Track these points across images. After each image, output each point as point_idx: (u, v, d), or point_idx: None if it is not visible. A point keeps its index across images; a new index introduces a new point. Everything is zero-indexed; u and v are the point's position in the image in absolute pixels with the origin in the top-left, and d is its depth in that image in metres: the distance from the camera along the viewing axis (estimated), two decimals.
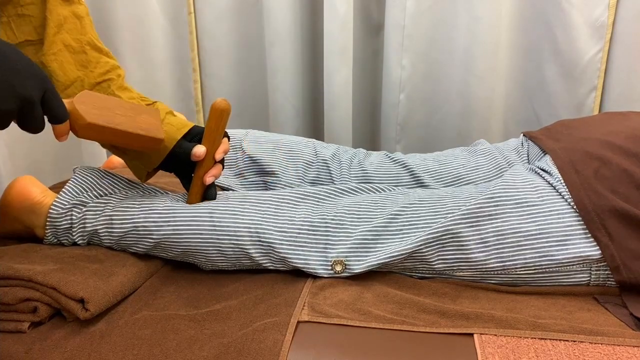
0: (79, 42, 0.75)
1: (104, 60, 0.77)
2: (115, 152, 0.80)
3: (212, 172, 0.78)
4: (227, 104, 0.76)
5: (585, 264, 0.72)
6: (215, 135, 0.77)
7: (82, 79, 0.75)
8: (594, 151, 0.77)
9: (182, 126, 0.79)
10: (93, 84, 0.76)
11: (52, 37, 0.73)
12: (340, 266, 0.75)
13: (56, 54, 0.73)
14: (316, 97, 1.46)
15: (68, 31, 0.74)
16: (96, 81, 0.76)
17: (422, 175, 0.96)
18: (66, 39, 0.74)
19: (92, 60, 0.76)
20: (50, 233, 0.80)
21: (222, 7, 1.40)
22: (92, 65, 0.76)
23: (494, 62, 1.27)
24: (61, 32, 0.74)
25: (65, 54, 0.74)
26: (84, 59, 0.75)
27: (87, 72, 0.75)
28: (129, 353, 0.61)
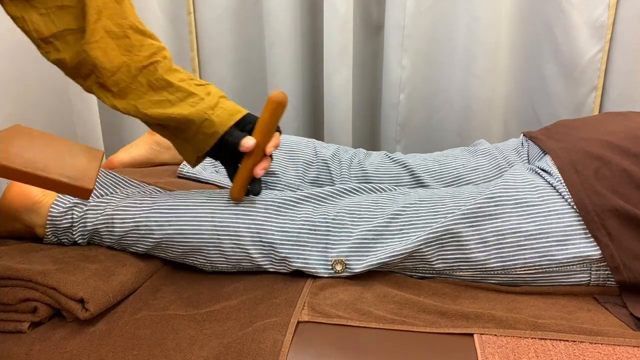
0: (121, 26, 0.73)
1: (148, 43, 0.74)
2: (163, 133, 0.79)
3: (262, 165, 0.76)
4: (283, 96, 0.72)
5: (585, 264, 0.72)
6: (268, 127, 0.73)
7: (128, 64, 0.73)
8: (594, 151, 0.77)
9: (235, 112, 0.76)
10: (140, 68, 0.73)
11: (92, 24, 0.71)
12: (340, 266, 0.75)
13: (98, 41, 0.71)
14: (316, 97, 1.46)
15: (109, 17, 0.72)
16: (142, 64, 0.73)
17: (422, 175, 0.96)
18: (107, 25, 0.72)
19: (135, 44, 0.73)
20: (50, 232, 0.81)
21: (222, 7, 1.39)
22: (136, 49, 0.73)
23: (494, 62, 1.27)
24: (102, 19, 0.71)
25: (108, 40, 0.72)
26: (127, 43, 0.73)
27: (131, 56, 0.73)
28: (129, 353, 0.61)
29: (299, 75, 1.41)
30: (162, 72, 0.74)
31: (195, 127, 0.74)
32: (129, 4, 0.74)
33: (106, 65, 0.71)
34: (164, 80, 0.74)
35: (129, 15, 0.74)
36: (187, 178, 1.08)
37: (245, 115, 0.77)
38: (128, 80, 0.73)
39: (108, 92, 0.74)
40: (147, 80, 0.74)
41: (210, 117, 0.74)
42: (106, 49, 0.71)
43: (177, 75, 0.75)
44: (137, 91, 0.74)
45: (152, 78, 0.74)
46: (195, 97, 0.74)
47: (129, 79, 0.73)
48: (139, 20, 0.75)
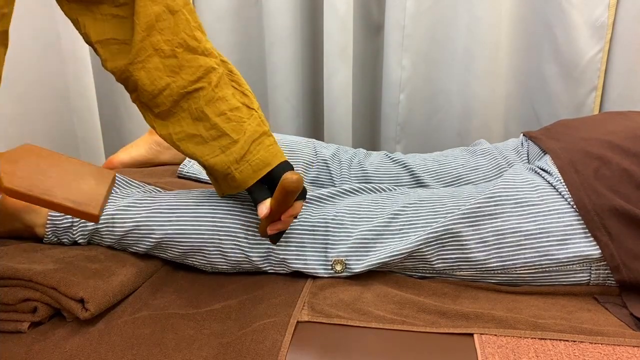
0: (171, 44, 0.68)
1: (196, 64, 0.69)
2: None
3: (275, 226, 0.71)
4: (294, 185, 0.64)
5: (585, 263, 0.72)
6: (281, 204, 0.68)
7: (172, 88, 0.69)
8: (594, 151, 0.77)
9: (261, 167, 0.71)
10: (183, 94, 0.69)
11: (139, 42, 0.67)
12: (340, 266, 0.75)
13: (144, 61, 0.67)
14: (316, 97, 1.46)
15: (160, 31, 0.67)
16: (186, 90, 0.69)
17: (422, 175, 0.96)
18: (157, 42, 0.67)
19: (184, 65, 0.69)
20: (51, 232, 0.81)
21: (222, 7, 1.39)
22: (183, 71, 0.69)
23: (494, 62, 1.27)
24: (152, 35, 0.67)
25: (155, 59, 0.68)
26: (174, 63, 0.68)
27: (176, 78, 0.69)
28: (129, 353, 0.61)
29: (299, 75, 1.41)
30: (202, 102, 0.70)
31: (220, 175, 0.72)
32: (184, 16, 0.69)
33: (148, 87, 0.68)
34: (202, 112, 0.70)
35: (182, 29, 0.69)
36: (187, 178, 1.08)
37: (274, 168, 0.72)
38: (169, 105, 0.70)
39: (149, 112, 0.72)
40: (189, 107, 0.70)
41: (232, 172, 0.71)
42: (151, 70, 0.68)
43: (218, 107, 0.71)
44: (177, 116, 0.71)
45: (193, 106, 0.70)
46: (227, 140, 0.71)
47: (170, 103, 0.70)
48: (193, 33, 0.70)
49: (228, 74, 0.74)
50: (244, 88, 0.75)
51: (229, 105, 0.72)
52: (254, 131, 0.72)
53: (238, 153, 0.71)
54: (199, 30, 0.71)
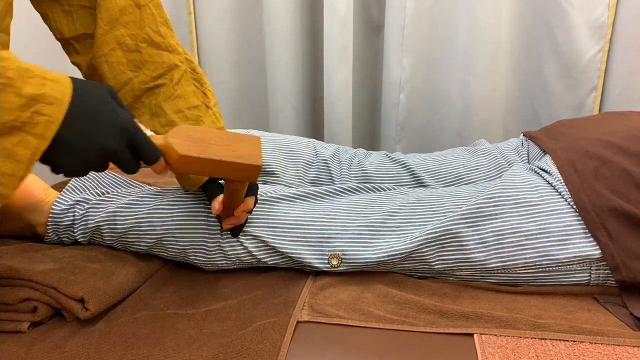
0: (135, 38, 0.68)
1: (160, 60, 0.70)
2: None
3: (230, 221, 0.73)
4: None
5: (585, 263, 0.72)
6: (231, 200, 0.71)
7: (133, 83, 0.70)
8: (593, 151, 0.77)
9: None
10: (144, 90, 0.70)
11: (102, 36, 0.67)
12: (336, 260, 0.75)
13: (107, 54, 0.68)
14: (316, 97, 1.46)
15: (125, 25, 0.68)
16: (147, 86, 0.70)
17: (422, 175, 0.96)
18: (121, 36, 0.68)
19: (147, 60, 0.69)
20: (52, 230, 0.81)
21: (222, 7, 1.39)
22: (146, 66, 0.69)
23: (494, 62, 1.27)
24: (116, 28, 0.67)
25: (119, 53, 0.68)
26: (137, 58, 0.69)
27: (139, 74, 0.69)
28: (128, 353, 0.61)
29: (299, 75, 1.41)
30: (161, 99, 0.71)
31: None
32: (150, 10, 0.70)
33: (111, 81, 0.69)
34: (160, 107, 0.71)
35: (148, 24, 0.69)
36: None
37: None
38: (130, 100, 0.71)
39: None
40: (149, 102, 0.71)
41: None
42: (114, 63, 0.69)
43: (176, 104, 0.72)
44: (139, 111, 0.71)
45: (153, 102, 0.71)
46: None
47: (131, 98, 0.70)
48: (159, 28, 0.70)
49: (191, 72, 0.75)
50: (205, 88, 0.76)
51: (188, 104, 0.73)
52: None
53: None
54: (165, 26, 0.72)
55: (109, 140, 0.52)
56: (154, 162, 0.58)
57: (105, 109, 0.53)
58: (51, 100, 0.48)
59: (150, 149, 0.57)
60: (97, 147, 0.52)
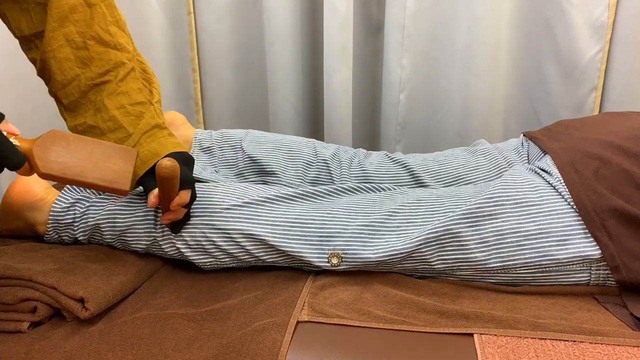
0: (83, 35, 0.70)
1: (107, 57, 0.71)
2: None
3: (167, 216, 0.72)
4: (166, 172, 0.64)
5: (585, 263, 0.72)
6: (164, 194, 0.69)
7: (80, 79, 0.71)
8: (594, 151, 0.77)
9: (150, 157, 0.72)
10: (90, 85, 0.71)
11: (50, 32, 0.68)
12: (336, 259, 0.75)
13: (55, 50, 0.69)
14: (316, 97, 1.46)
15: (75, 22, 0.69)
16: (93, 82, 0.71)
17: (422, 175, 0.96)
18: (70, 33, 0.69)
19: (94, 57, 0.71)
20: (52, 228, 0.81)
21: (222, 7, 1.39)
22: (93, 63, 0.71)
23: (494, 62, 1.27)
24: (65, 25, 0.69)
25: (67, 50, 0.69)
26: (85, 55, 0.70)
27: (85, 70, 0.71)
28: (128, 353, 0.61)
29: (299, 75, 1.41)
30: (105, 95, 0.71)
31: None
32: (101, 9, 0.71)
33: (58, 77, 0.70)
34: (102, 103, 0.71)
35: (97, 22, 0.71)
36: None
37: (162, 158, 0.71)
38: (77, 95, 0.71)
39: (60, 103, 0.73)
40: (95, 99, 0.72)
41: None
42: (62, 60, 0.69)
43: (118, 100, 0.72)
44: (85, 107, 0.72)
45: (98, 98, 0.72)
46: (122, 132, 0.72)
47: (78, 94, 0.71)
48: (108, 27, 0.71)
49: (141, 72, 0.75)
50: (153, 87, 0.76)
51: (130, 100, 0.73)
52: (146, 124, 0.73)
53: (129, 145, 0.72)
54: (115, 25, 0.73)
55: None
56: (15, 168, 0.58)
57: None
58: None
59: (11, 156, 0.57)
60: None
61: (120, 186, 0.65)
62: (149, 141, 0.73)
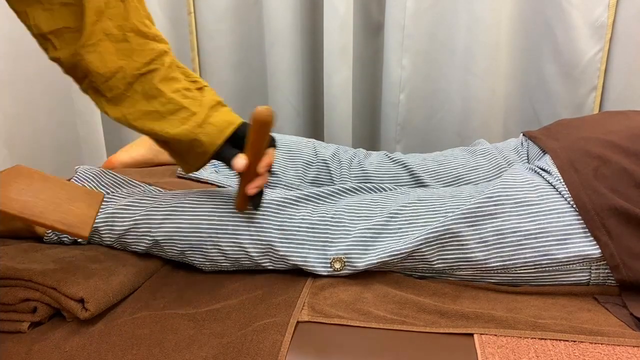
0: (122, 29, 0.69)
1: (149, 48, 0.70)
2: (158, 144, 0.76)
3: (255, 184, 0.72)
4: (267, 114, 0.66)
5: (585, 262, 0.72)
6: (256, 148, 0.69)
7: (124, 70, 0.69)
8: (593, 150, 0.77)
9: (225, 126, 0.72)
10: (136, 75, 0.70)
11: (90, 26, 0.67)
12: (339, 264, 0.75)
13: (95, 44, 0.68)
14: (316, 97, 1.46)
15: (110, 17, 0.68)
16: (139, 72, 0.70)
17: (422, 175, 0.96)
18: (108, 27, 0.68)
19: (136, 49, 0.70)
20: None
21: (222, 7, 1.40)
22: (135, 54, 0.70)
23: (494, 62, 1.27)
24: (102, 20, 0.68)
25: (107, 43, 0.68)
26: (127, 47, 0.69)
27: (129, 61, 0.70)
28: (128, 353, 0.61)
29: (299, 75, 1.41)
30: (157, 81, 0.71)
31: (185, 146, 0.72)
32: (135, 3, 0.71)
33: (101, 69, 0.69)
34: (157, 89, 0.71)
35: (133, 16, 0.70)
36: (187, 178, 1.08)
37: (238, 126, 0.73)
38: (122, 87, 0.70)
39: (102, 97, 0.72)
40: (142, 88, 0.71)
41: (197, 136, 0.71)
42: (103, 53, 0.68)
43: (172, 85, 0.72)
44: (131, 99, 0.71)
45: (146, 86, 0.71)
46: (185, 112, 0.71)
47: (123, 85, 0.70)
48: (143, 20, 0.71)
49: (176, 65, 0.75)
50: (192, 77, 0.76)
51: (183, 85, 0.73)
52: (210, 100, 0.73)
53: (199, 118, 0.71)
54: (149, 19, 0.72)
55: None
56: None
57: None
58: None
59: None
60: None
61: (79, 231, 0.63)
62: (217, 114, 0.73)
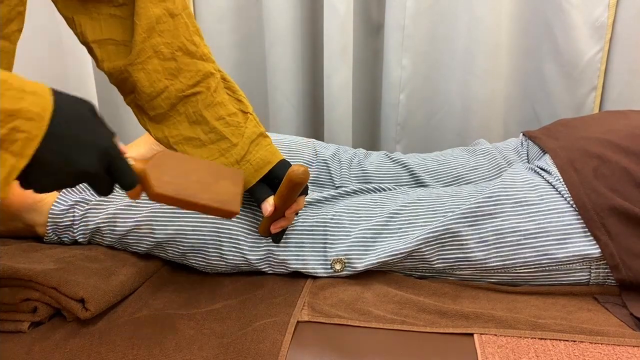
0: (170, 47, 0.68)
1: (195, 69, 0.70)
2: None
3: (280, 224, 0.73)
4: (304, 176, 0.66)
5: (585, 262, 0.72)
6: (287, 198, 0.70)
7: (170, 90, 0.69)
8: (593, 150, 0.77)
9: (262, 165, 0.72)
10: (180, 97, 0.70)
11: (140, 43, 0.66)
12: (339, 265, 0.75)
13: (144, 62, 0.67)
14: (316, 97, 1.46)
15: (160, 33, 0.67)
16: (184, 94, 0.69)
17: (422, 175, 0.96)
18: (157, 44, 0.67)
19: (182, 69, 0.69)
20: (51, 230, 0.81)
21: (222, 7, 1.39)
22: (182, 75, 0.69)
23: (494, 62, 1.27)
24: (152, 37, 0.67)
25: (155, 61, 0.68)
26: (173, 66, 0.69)
27: (175, 82, 0.69)
28: (129, 353, 0.61)
29: (299, 75, 1.41)
30: (201, 106, 0.70)
31: None
32: (183, 20, 0.69)
33: (147, 89, 0.68)
34: (200, 115, 0.70)
35: (182, 33, 0.69)
36: None
37: (275, 165, 0.73)
38: (166, 108, 0.70)
39: (145, 115, 0.72)
40: (186, 110, 0.70)
41: None
42: (151, 71, 0.68)
43: (216, 112, 0.71)
44: (174, 120, 0.71)
45: (190, 110, 0.70)
46: (226, 143, 0.71)
47: (167, 106, 0.70)
48: (192, 37, 0.70)
49: (222, 81, 0.75)
50: (239, 94, 0.75)
51: (227, 111, 0.72)
52: (251, 133, 0.73)
53: (238, 154, 0.71)
54: (197, 35, 0.71)
55: (88, 162, 0.50)
56: (129, 189, 0.56)
57: (86, 127, 0.50)
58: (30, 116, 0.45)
59: (128, 176, 0.55)
60: (75, 169, 0.49)
61: (231, 207, 0.64)
62: (257, 149, 0.73)
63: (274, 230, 0.73)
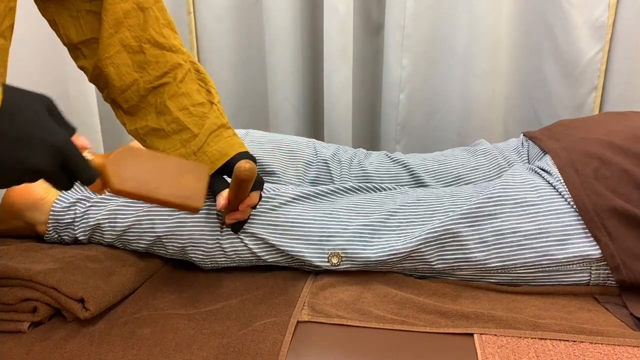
0: (139, 40, 0.69)
1: (163, 60, 0.71)
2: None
3: (234, 216, 0.73)
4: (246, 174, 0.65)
5: (585, 263, 0.72)
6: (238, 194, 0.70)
7: (139, 83, 0.70)
8: (593, 151, 0.77)
9: (218, 157, 0.72)
10: (149, 89, 0.71)
11: (107, 39, 0.68)
12: (336, 259, 0.75)
13: (112, 57, 0.68)
14: (316, 97, 1.46)
15: (129, 28, 0.68)
16: (152, 85, 0.71)
17: (422, 175, 0.96)
18: (125, 38, 0.69)
19: (150, 60, 0.70)
20: (52, 228, 0.81)
21: (222, 7, 1.39)
22: (150, 66, 0.70)
23: (494, 62, 1.27)
24: (121, 31, 0.68)
25: (124, 55, 0.69)
26: (142, 59, 0.70)
27: (143, 74, 0.70)
28: (129, 353, 0.61)
29: (299, 75, 1.41)
30: (166, 97, 0.71)
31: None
32: (154, 13, 0.70)
33: (117, 82, 0.70)
34: (165, 105, 0.72)
35: (151, 26, 0.70)
36: None
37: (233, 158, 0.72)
38: (137, 100, 0.71)
39: (119, 109, 0.73)
40: (155, 101, 0.72)
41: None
42: (119, 65, 0.69)
43: (180, 102, 0.72)
44: (145, 111, 0.72)
45: (158, 100, 0.72)
46: (187, 134, 0.72)
47: (137, 98, 0.71)
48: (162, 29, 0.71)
49: (195, 72, 0.75)
50: (209, 86, 0.76)
51: (192, 101, 0.73)
52: (212, 124, 0.73)
53: (196, 145, 0.72)
54: (168, 28, 0.72)
55: (39, 160, 0.48)
56: (88, 184, 0.56)
57: (38, 124, 0.48)
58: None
59: (85, 172, 0.54)
60: (26, 167, 0.48)
61: (193, 203, 0.64)
62: (216, 141, 0.73)
63: (228, 221, 0.73)
